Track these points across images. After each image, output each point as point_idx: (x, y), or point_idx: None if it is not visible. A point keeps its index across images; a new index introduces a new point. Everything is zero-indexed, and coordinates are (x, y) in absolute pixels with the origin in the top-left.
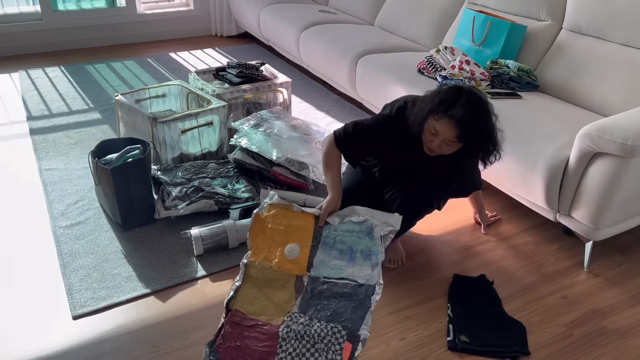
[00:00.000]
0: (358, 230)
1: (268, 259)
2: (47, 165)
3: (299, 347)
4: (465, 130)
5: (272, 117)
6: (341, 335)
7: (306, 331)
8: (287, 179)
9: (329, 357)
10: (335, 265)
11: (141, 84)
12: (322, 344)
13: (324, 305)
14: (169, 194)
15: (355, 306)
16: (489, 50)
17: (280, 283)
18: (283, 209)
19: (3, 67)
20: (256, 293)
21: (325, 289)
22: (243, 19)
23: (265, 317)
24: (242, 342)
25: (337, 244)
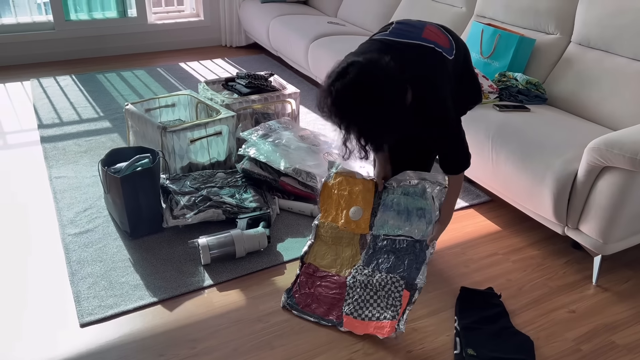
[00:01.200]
0: (412, 192)
1: (335, 220)
2: (57, 173)
3: (364, 294)
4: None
5: (281, 128)
6: (400, 285)
7: (369, 281)
8: (295, 189)
9: (390, 303)
10: (393, 225)
11: (151, 93)
12: (383, 292)
13: (384, 259)
14: (177, 203)
15: (412, 259)
16: (497, 63)
17: (347, 240)
18: (347, 176)
19: (15, 76)
20: (326, 249)
21: (385, 245)
22: (252, 30)
23: (335, 270)
24: (314, 290)
25: (395, 206)
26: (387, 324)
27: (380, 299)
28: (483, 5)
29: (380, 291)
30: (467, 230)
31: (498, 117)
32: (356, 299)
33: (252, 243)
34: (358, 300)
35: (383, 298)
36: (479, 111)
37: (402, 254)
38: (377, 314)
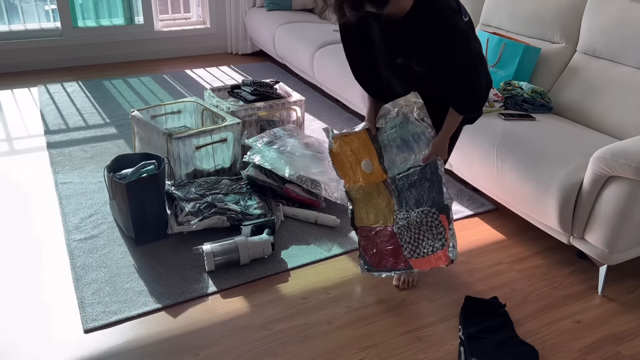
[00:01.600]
0: (399, 123)
1: (355, 181)
2: (62, 178)
3: (412, 235)
4: None
5: (286, 135)
6: (434, 213)
7: (408, 222)
8: (299, 196)
9: (435, 232)
10: (400, 160)
11: (157, 100)
12: (424, 227)
13: (409, 196)
14: (182, 209)
15: (430, 185)
16: (502, 71)
17: (376, 193)
18: (342, 137)
19: (23, 82)
20: (365, 208)
21: (403, 183)
22: (258, 38)
23: (382, 222)
24: (377, 248)
25: (392, 142)
26: (442, 253)
27: (426, 233)
28: (488, 14)
29: (423, 226)
30: (471, 239)
31: (503, 126)
32: (408, 242)
33: (256, 250)
34: (410, 242)
35: (427, 231)
36: (485, 120)
37: (419, 184)
38: (430, 247)
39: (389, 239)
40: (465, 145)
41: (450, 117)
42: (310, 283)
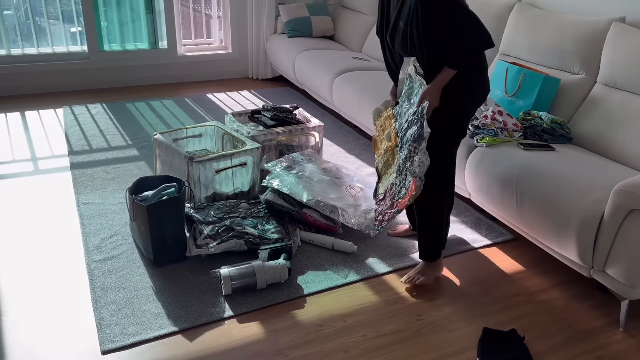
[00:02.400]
0: (407, 85)
1: (379, 154)
2: (84, 199)
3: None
4: None
5: (304, 160)
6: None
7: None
8: (317, 221)
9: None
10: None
11: (178, 122)
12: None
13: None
14: (201, 232)
15: (416, 120)
16: (521, 101)
17: (391, 159)
18: (377, 119)
19: (49, 103)
20: (385, 178)
21: (403, 134)
22: (279, 63)
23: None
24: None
25: (403, 104)
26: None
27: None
28: (507, 44)
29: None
30: (490, 269)
31: (522, 156)
32: (398, 183)
33: (273, 275)
34: (399, 182)
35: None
36: (504, 149)
37: (410, 129)
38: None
39: (389, 192)
40: (483, 174)
41: (442, 73)
42: (326, 310)
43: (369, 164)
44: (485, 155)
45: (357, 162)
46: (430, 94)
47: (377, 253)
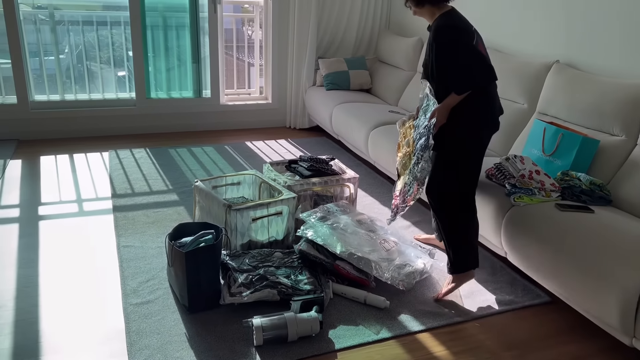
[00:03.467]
0: (424, 102)
1: (401, 155)
2: (125, 242)
3: (405, 187)
4: None
5: (338, 211)
6: (419, 157)
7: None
8: (350, 274)
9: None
10: (422, 128)
11: (217, 169)
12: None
13: (415, 151)
14: (235, 280)
15: (425, 133)
16: (559, 161)
17: (408, 162)
18: (401, 127)
19: (96, 146)
20: (402, 178)
21: (416, 147)
22: (316, 114)
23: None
24: (395, 202)
25: (420, 117)
26: (414, 188)
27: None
28: (545, 103)
29: (413, 169)
30: (526, 332)
31: (560, 217)
32: (409, 183)
33: (304, 327)
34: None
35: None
36: (541, 209)
37: (420, 139)
38: (411, 185)
39: (400, 194)
40: (520, 234)
41: (451, 96)
42: None
43: (402, 217)
44: (522, 214)
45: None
46: (439, 111)
47: (410, 310)
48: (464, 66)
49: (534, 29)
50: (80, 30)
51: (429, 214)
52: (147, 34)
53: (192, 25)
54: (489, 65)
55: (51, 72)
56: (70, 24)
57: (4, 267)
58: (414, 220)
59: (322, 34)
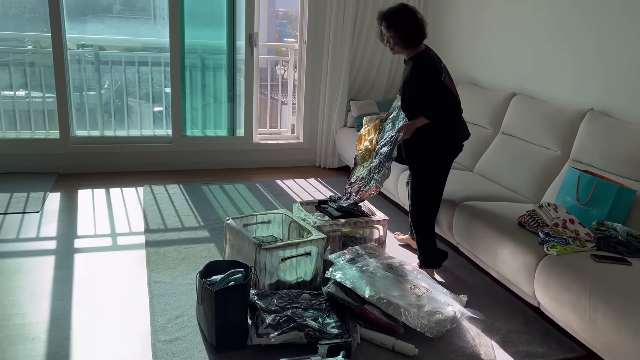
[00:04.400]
0: (394, 112)
1: (364, 148)
2: (156, 277)
3: (369, 175)
4: (389, 16)
5: (368, 254)
6: (382, 161)
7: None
8: (378, 319)
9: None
10: (388, 133)
11: (248, 207)
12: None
13: (378, 153)
14: (262, 320)
15: (391, 142)
16: (594, 210)
17: (368, 156)
18: (367, 124)
19: (132, 181)
20: (360, 168)
21: (380, 146)
22: (346, 155)
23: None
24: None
25: (387, 123)
26: (374, 186)
27: (373, 173)
28: (579, 151)
29: (374, 169)
30: None
31: (596, 269)
32: (367, 180)
33: None
34: (367, 180)
35: (374, 173)
36: (576, 259)
37: (385, 145)
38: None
39: (360, 182)
40: (554, 284)
41: (417, 118)
42: None
43: None
44: (556, 264)
45: None
46: (406, 127)
47: (439, 358)
48: (433, 98)
49: (567, 76)
50: (122, 69)
51: (460, 260)
52: (185, 74)
53: (228, 67)
54: (455, 99)
55: (92, 106)
56: (113, 64)
57: (39, 299)
58: (444, 265)
59: (354, 76)
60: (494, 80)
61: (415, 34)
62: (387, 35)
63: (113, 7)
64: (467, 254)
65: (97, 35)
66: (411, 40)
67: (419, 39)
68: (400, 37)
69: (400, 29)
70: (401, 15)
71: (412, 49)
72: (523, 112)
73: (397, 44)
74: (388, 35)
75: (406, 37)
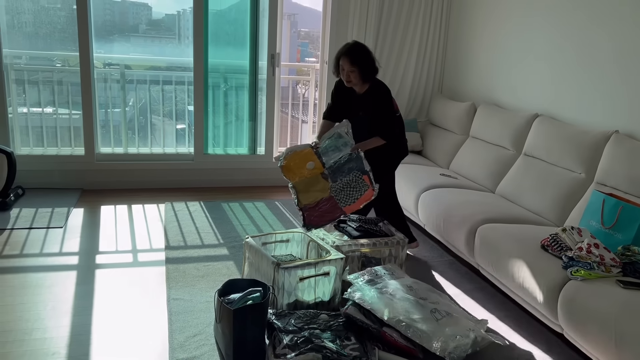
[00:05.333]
0: (334, 138)
1: (301, 176)
2: (175, 294)
3: (345, 192)
4: (352, 54)
5: (387, 275)
6: (358, 175)
7: (343, 185)
8: (397, 342)
9: (361, 187)
10: (334, 157)
11: (267, 224)
12: (352, 184)
13: (341, 172)
14: (280, 341)
15: (353, 163)
16: (620, 235)
17: (314, 181)
18: (289, 156)
19: (153, 198)
20: (307, 193)
21: (337, 167)
22: None
23: (321, 195)
24: (319, 212)
25: (329, 148)
26: (369, 191)
27: (354, 188)
28: (604, 174)
29: (352, 184)
30: None
31: (622, 295)
32: (343, 197)
33: None
34: (344, 197)
35: (357, 188)
36: (601, 285)
37: (348, 163)
38: (358, 193)
39: (327, 202)
40: (578, 310)
41: (372, 139)
42: None
43: (453, 283)
44: (581, 289)
45: (441, 280)
46: (362, 146)
47: None
48: (392, 121)
49: (590, 98)
50: (147, 87)
51: (481, 282)
52: (208, 93)
53: (250, 86)
54: (402, 128)
55: (116, 124)
56: (138, 82)
57: (60, 314)
58: (465, 288)
59: None
60: (516, 102)
61: (374, 68)
62: (348, 70)
63: (139, 27)
64: (488, 276)
65: (123, 54)
66: (372, 74)
67: (376, 72)
68: (363, 71)
69: (364, 65)
70: (363, 52)
71: (368, 81)
72: (546, 134)
73: (358, 78)
74: (350, 71)
75: (368, 71)
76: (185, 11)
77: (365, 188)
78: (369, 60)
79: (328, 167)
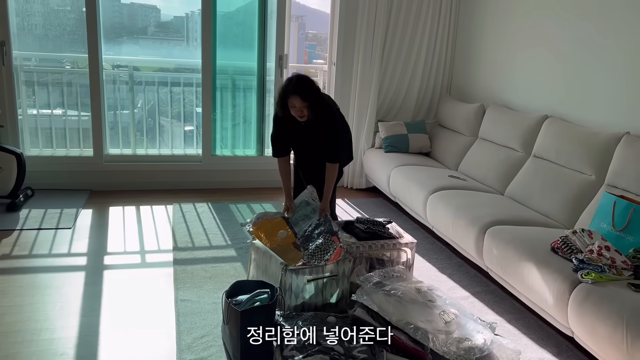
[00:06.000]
0: (303, 207)
1: (273, 243)
2: (182, 295)
3: (316, 256)
4: (302, 91)
5: (395, 277)
6: (328, 238)
7: (314, 249)
8: (405, 344)
9: (330, 248)
10: (305, 225)
11: None
12: (324, 246)
13: (312, 239)
14: (288, 342)
15: (325, 227)
16: (631, 237)
17: (288, 250)
18: (260, 222)
19: (162, 199)
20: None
21: (307, 235)
22: (374, 176)
23: (293, 263)
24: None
25: (299, 218)
26: (338, 250)
27: (325, 249)
28: (615, 176)
29: (323, 246)
30: None
31: (633, 298)
32: (314, 261)
33: None
34: (315, 260)
35: (326, 249)
36: (612, 288)
37: (317, 229)
38: (328, 254)
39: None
40: (589, 313)
41: (327, 177)
42: None
43: (462, 286)
44: (591, 292)
45: (449, 283)
46: (325, 208)
47: None
48: (350, 144)
49: (601, 99)
50: (155, 89)
51: (490, 285)
52: (216, 95)
53: (258, 87)
54: (351, 149)
55: (125, 125)
56: (147, 84)
57: (68, 315)
58: (474, 290)
59: (383, 97)
60: (525, 103)
61: (323, 99)
62: (301, 106)
63: (148, 29)
64: (497, 279)
65: (132, 56)
66: (323, 102)
67: (323, 99)
68: (316, 104)
69: (315, 97)
70: (311, 85)
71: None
72: (556, 135)
73: (311, 111)
74: (302, 107)
75: (320, 101)
76: (193, 13)
77: (334, 247)
78: (317, 90)
79: (299, 237)
